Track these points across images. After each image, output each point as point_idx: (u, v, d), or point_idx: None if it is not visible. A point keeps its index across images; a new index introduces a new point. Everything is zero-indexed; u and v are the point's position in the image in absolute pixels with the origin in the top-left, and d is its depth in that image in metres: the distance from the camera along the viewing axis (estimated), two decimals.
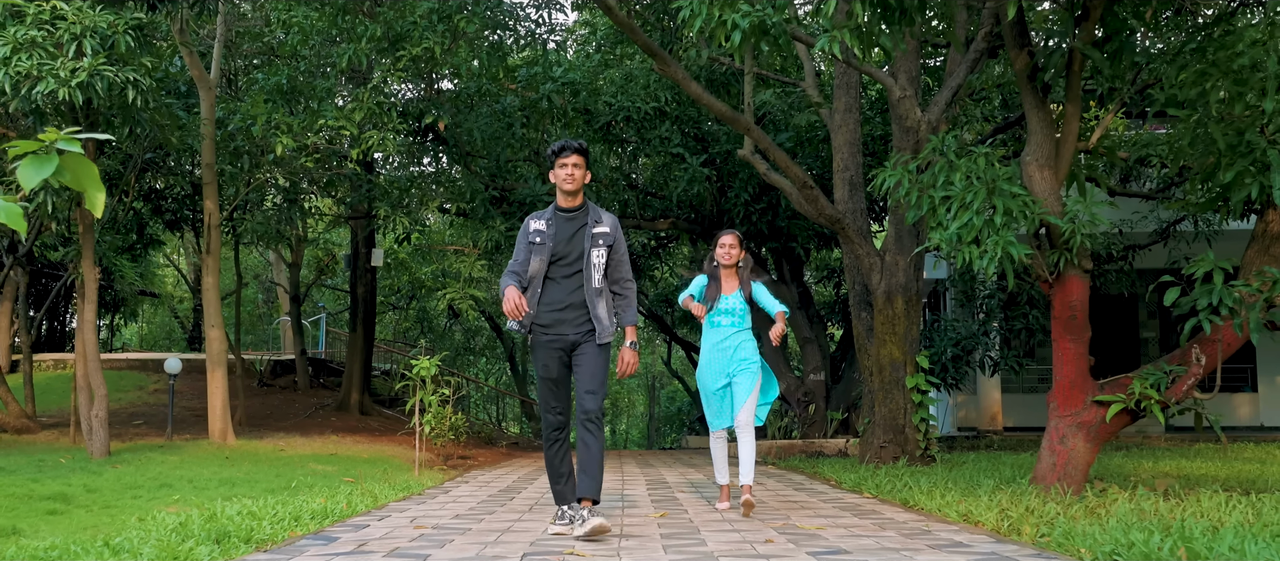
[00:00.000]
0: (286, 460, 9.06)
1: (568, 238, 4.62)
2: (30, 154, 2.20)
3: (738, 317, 5.53)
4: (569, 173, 4.59)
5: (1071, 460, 6.15)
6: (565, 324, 4.57)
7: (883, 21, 5.67)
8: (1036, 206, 5.85)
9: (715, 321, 5.55)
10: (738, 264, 5.62)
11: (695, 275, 5.83)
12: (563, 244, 4.61)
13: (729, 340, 5.49)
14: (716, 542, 4.11)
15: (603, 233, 4.64)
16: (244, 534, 4.20)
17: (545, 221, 4.68)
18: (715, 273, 5.60)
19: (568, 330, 4.58)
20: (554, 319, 4.59)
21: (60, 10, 7.45)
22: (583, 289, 4.57)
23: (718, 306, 5.54)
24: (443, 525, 4.70)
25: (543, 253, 4.60)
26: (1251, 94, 5.51)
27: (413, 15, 9.98)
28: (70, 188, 2.35)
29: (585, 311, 4.58)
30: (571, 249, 4.62)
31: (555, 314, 4.58)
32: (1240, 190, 5.77)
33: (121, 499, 5.93)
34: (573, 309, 4.58)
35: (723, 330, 5.51)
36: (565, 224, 4.64)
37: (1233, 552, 2.94)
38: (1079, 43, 6.00)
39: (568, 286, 4.59)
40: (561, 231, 4.62)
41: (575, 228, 4.64)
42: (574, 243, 4.62)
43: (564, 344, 4.59)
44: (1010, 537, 4.20)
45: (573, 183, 4.60)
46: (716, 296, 5.55)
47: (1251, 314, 5.67)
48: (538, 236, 4.63)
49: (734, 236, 5.63)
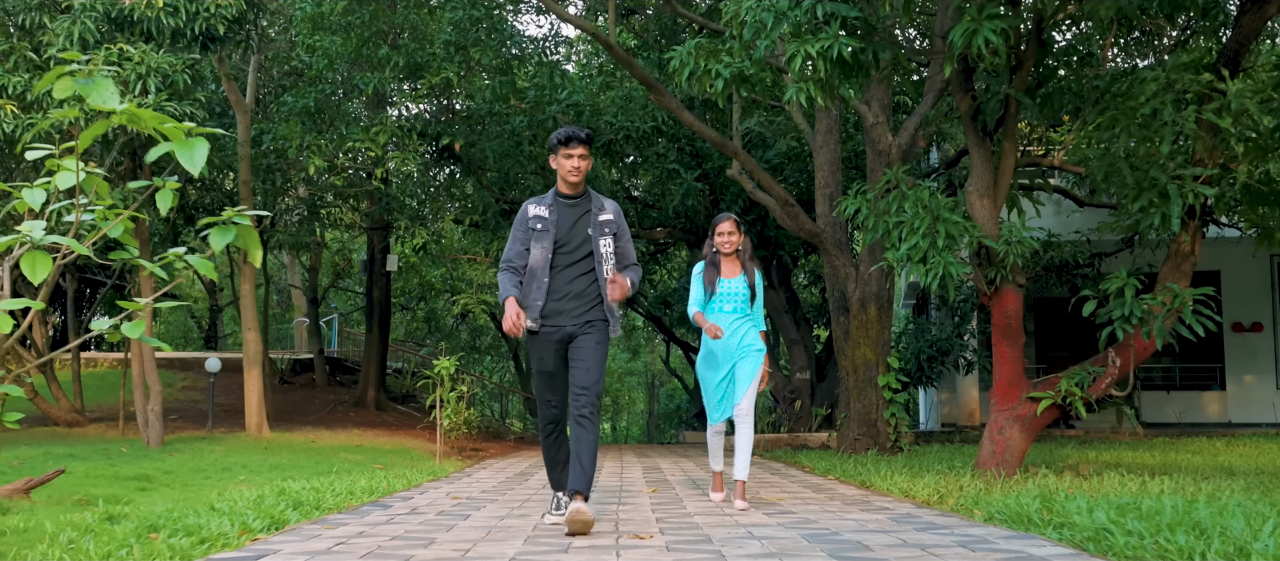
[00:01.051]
0: (319, 450, 10.08)
1: (571, 225, 4.43)
2: (217, 223, 3.22)
3: (740, 303, 5.35)
4: (575, 165, 4.41)
5: (1008, 448, 7.15)
6: (563, 315, 4.38)
7: (842, 74, 6.66)
8: (975, 231, 6.85)
9: (717, 307, 5.36)
10: (738, 249, 5.42)
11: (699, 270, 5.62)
12: (566, 231, 4.42)
13: (731, 327, 5.30)
14: (695, 505, 5.12)
15: (608, 221, 4.49)
16: (314, 503, 5.20)
17: (546, 207, 4.47)
18: (715, 259, 5.43)
19: (566, 321, 4.38)
20: (552, 309, 4.39)
21: (127, 52, 8.46)
22: (585, 278, 4.42)
23: (718, 292, 5.36)
24: (474, 497, 5.71)
25: (546, 239, 4.39)
26: (1153, 139, 6.51)
27: (432, 46, 10.98)
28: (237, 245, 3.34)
29: (584, 302, 4.40)
30: (574, 236, 4.43)
31: (553, 304, 4.38)
32: (1148, 218, 6.76)
33: (194, 479, 6.94)
34: (572, 299, 4.39)
35: (725, 317, 5.32)
36: (567, 210, 4.45)
37: (1081, 511, 3.93)
38: (1013, 91, 7.01)
39: (568, 276, 4.40)
40: (564, 218, 4.43)
41: (577, 216, 4.45)
42: (577, 229, 4.43)
43: (561, 335, 4.39)
44: (931, 505, 5.21)
45: (577, 175, 4.43)
46: (715, 281, 5.37)
47: (1157, 323, 6.67)
48: (539, 222, 4.43)
49: (731, 221, 5.42)
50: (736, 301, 5.36)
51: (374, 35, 11.42)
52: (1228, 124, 6.30)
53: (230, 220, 3.21)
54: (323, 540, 3.90)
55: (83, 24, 8.39)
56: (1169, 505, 3.85)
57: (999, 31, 6.02)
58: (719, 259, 5.43)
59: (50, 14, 8.72)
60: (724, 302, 5.36)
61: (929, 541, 3.70)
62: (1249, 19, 7.02)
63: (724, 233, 5.39)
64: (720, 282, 5.39)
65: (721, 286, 5.38)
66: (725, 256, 5.42)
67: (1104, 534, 3.46)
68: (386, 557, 3.44)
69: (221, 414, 13.90)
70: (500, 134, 12.44)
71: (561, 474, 4.58)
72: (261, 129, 11.94)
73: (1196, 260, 7.18)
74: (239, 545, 3.81)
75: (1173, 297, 6.65)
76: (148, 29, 8.54)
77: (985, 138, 7.35)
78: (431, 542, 3.81)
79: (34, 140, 8.45)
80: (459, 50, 11.03)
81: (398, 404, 18.25)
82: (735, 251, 5.41)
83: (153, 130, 2.99)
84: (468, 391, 11.01)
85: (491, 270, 14.12)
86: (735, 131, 10.41)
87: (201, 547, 3.70)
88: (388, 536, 3.99)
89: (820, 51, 6.29)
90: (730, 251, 5.39)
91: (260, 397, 11.36)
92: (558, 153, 4.45)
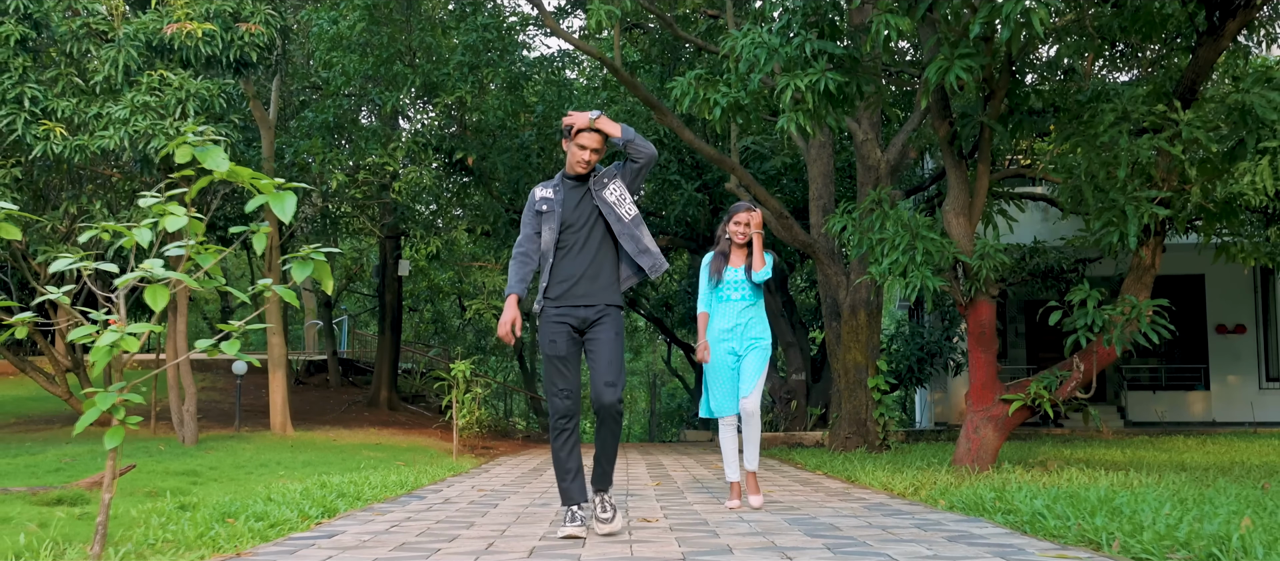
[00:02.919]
0: (341, 448, 10.73)
1: (576, 203, 4.33)
2: (298, 258, 3.86)
3: (747, 290, 5.26)
4: (586, 158, 4.28)
5: (983, 445, 7.80)
6: (576, 297, 4.24)
7: (829, 105, 7.31)
8: (951, 247, 7.50)
9: (724, 295, 5.26)
10: (750, 240, 5.27)
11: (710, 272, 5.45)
12: (571, 210, 4.31)
13: (739, 317, 5.23)
14: (694, 496, 5.77)
15: (606, 173, 4.38)
16: (355, 494, 5.84)
17: (552, 189, 4.40)
18: (726, 248, 5.31)
19: (579, 304, 4.24)
20: (563, 292, 4.26)
21: (167, 79, 9.11)
22: (598, 260, 4.28)
23: (725, 280, 5.26)
24: (497, 490, 6.36)
25: (552, 220, 4.30)
26: (1111, 164, 7.16)
27: (447, 66, 11.64)
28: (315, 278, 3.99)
29: (597, 285, 4.26)
30: (580, 215, 4.31)
31: (565, 287, 4.25)
32: (1108, 236, 7.41)
33: (236, 474, 7.58)
34: (585, 281, 4.25)
35: (732, 305, 5.23)
36: (572, 190, 4.34)
37: (1024, 500, 4.56)
38: (986, 118, 7.66)
39: (581, 257, 4.27)
40: (569, 197, 4.33)
41: (582, 193, 4.35)
42: (583, 207, 4.32)
43: (574, 319, 4.24)
44: (905, 496, 5.85)
45: (587, 168, 4.32)
46: (722, 270, 5.26)
47: (1117, 332, 7.31)
48: (545, 204, 4.34)
49: (749, 212, 5.29)
50: (743, 290, 5.25)
51: (391, 54, 12.07)
52: (1178, 151, 6.94)
53: (309, 256, 3.85)
54: (377, 523, 4.56)
55: (126, 53, 9.04)
56: (1095, 494, 4.50)
57: (969, 69, 6.66)
58: (730, 248, 5.31)
59: (95, 43, 9.38)
60: (731, 291, 5.25)
61: (891, 523, 4.36)
62: (1205, 51, 7.67)
63: (741, 223, 5.24)
64: (727, 270, 5.27)
65: (728, 275, 5.27)
66: (737, 247, 5.30)
67: (1039, 517, 4.11)
68: (436, 537, 4.10)
69: (244, 414, 14.55)
70: (510, 147, 13.10)
71: (573, 484, 4.23)
72: (283, 143, 12.59)
73: (1156, 272, 7.82)
74: (306, 528, 4.46)
75: (1131, 308, 7.30)
76: (186, 57, 9.19)
77: (961, 161, 7.99)
78: (471, 525, 4.46)
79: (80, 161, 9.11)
80: (471, 70, 11.69)
81: (408, 404, 18.92)
82: (747, 243, 5.27)
83: (248, 185, 3.64)
84: (481, 393, 11.68)
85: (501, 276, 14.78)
86: (733, 149, 11.06)
87: (274, 530, 4.34)
88: (432, 520, 4.65)
89: (808, 85, 6.95)
90: (742, 242, 5.25)
91: (284, 398, 12.02)
92: (572, 139, 4.30)
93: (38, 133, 8.84)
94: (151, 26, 9.08)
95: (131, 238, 3.91)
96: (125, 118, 8.87)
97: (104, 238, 3.75)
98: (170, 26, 8.86)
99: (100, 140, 8.82)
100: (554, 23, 10.38)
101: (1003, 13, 6.12)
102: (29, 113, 8.89)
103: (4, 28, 8.81)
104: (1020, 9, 6.06)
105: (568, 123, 4.25)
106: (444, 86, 11.58)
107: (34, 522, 4.62)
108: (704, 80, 7.90)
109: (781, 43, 7.05)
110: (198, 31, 8.90)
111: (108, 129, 8.78)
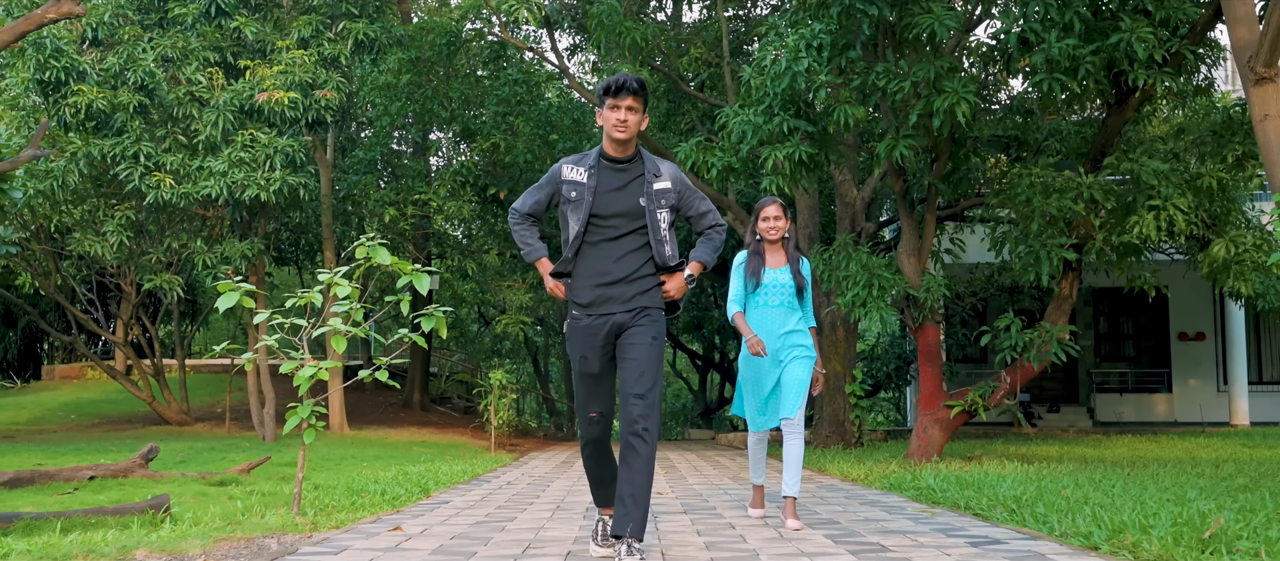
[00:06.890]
0: (395, 445, 12.55)
1: (612, 190, 3.70)
2: (427, 314, 5.69)
3: (787, 296, 4.87)
4: (621, 117, 3.66)
5: (930, 443, 9.60)
6: (610, 302, 3.68)
7: (803, 170, 9.12)
8: (902, 282, 9.30)
9: (761, 301, 4.89)
10: (784, 237, 4.95)
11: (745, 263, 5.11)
12: (604, 199, 3.69)
13: (783, 321, 4.85)
14: (695, 480, 7.59)
15: (664, 189, 3.74)
16: (436, 480, 7.64)
17: (584, 171, 3.74)
18: (758, 247, 4.94)
19: (614, 309, 3.68)
20: (595, 296, 3.70)
21: (257, 137, 10.96)
22: (635, 256, 3.71)
23: (763, 283, 4.87)
24: (542, 476, 8.19)
25: (581, 210, 3.68)
26: (1028, 220, 8.98)
27: (483, 116, 13.50)
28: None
29: (635, 286, 3.69)
30: (615, 205, 3.70)
31: (597, 290, 3.69)
32: (1028, 274, 9.20)
33: (324, 465, 9.39)
34: (621, 284, 3.68)
35: (771, 311, 4.86)
36: (611, 175, 3.72)
37: (926, 481, 6.34)
38: (932, 178, 9.47)
39: (613, 254, 3.69)
40: (604, 183, 3.70)
41: (625, 180, 3.73)
42: (621, 198, 3.71)
43: (608, 328, 3.70)
44: (857, 481, 7.66)
45: (625, 130, 3.68)
46: (759, 271, 4.88)
47: (1034, 351, 9.10)
48: (573, 191, 3.72)
49: (778, 206, 4.96)
50: (783, 294, 4.87)
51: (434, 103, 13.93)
52: (1080, 209, 8.74)
53: (433, 313, 5.67)
54: (469, 496, 6.39)
55: (224, 116, 10.90)
56: (980, 477, 6.32)
57: (911, 147, 8.48)
58: (763, 248, 4.95)
59: (197, 107, 11.24)
60: (770, 296, 4.87)
61: (828, 496, 6.18)
62: (1112, 120, 9.50)
63: (769, 218, 4.93)
64: (765, 273, 4.89)
65: (766, 277, 4.88)
66: (770, 244, 4.96)
67: (931, 491, 5.92)
68: (521, 500, 5.90)
69: None
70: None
71: (609, 491, 3.90)
72: (336, 179, 14.45)
73: (1073, 302, 9.64)
74: (417, 501, 6.28)
75: (1045, 333, 9.12)
76: (272, 118, 11.04)
77: (912, 210, 9.81)
78: (537, 497, 6.29)
79: (185, 205, 10.95)
80: (503, 119, 13.54)
81: (437, 405, 20.75)
82: (781, 238, 4.95)
83: (397, 269, 5.45)
84: (513, 396, 13.51)
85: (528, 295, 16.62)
86: (730, 188, 12.90)
87: (393, 503, 6.15)
88: (509, 494, 6.48)
89: (785, 155, 8.76)
90: (775, 238, 4.92)
91: (341, 400, 13.86)
92: (604, 106, 3.70)
93: (150, 183, 10.69)
94: (244, 93, 10.93)
95: (309, 295, 5.70)
96: (225, 170, 10.72)
97: (303, 303, 5.50)
98: (262, 95, 10.71)
99: (203, 188, 10.66)
100: (578, 83, 12.22)
101: (933, 107, 7.93)
102: (143, 166, 10.75)
103: (123, 97, 10.67)
104: (948, 103, 7.87)
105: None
106: (481, 133, 13.43)
107: (211, 499, 6.43)
108: (703, 146, 9.73)
109: (764, 121, 8.86)
110: (284, 99, 10.75)
111: (209, 179, 10.61)
